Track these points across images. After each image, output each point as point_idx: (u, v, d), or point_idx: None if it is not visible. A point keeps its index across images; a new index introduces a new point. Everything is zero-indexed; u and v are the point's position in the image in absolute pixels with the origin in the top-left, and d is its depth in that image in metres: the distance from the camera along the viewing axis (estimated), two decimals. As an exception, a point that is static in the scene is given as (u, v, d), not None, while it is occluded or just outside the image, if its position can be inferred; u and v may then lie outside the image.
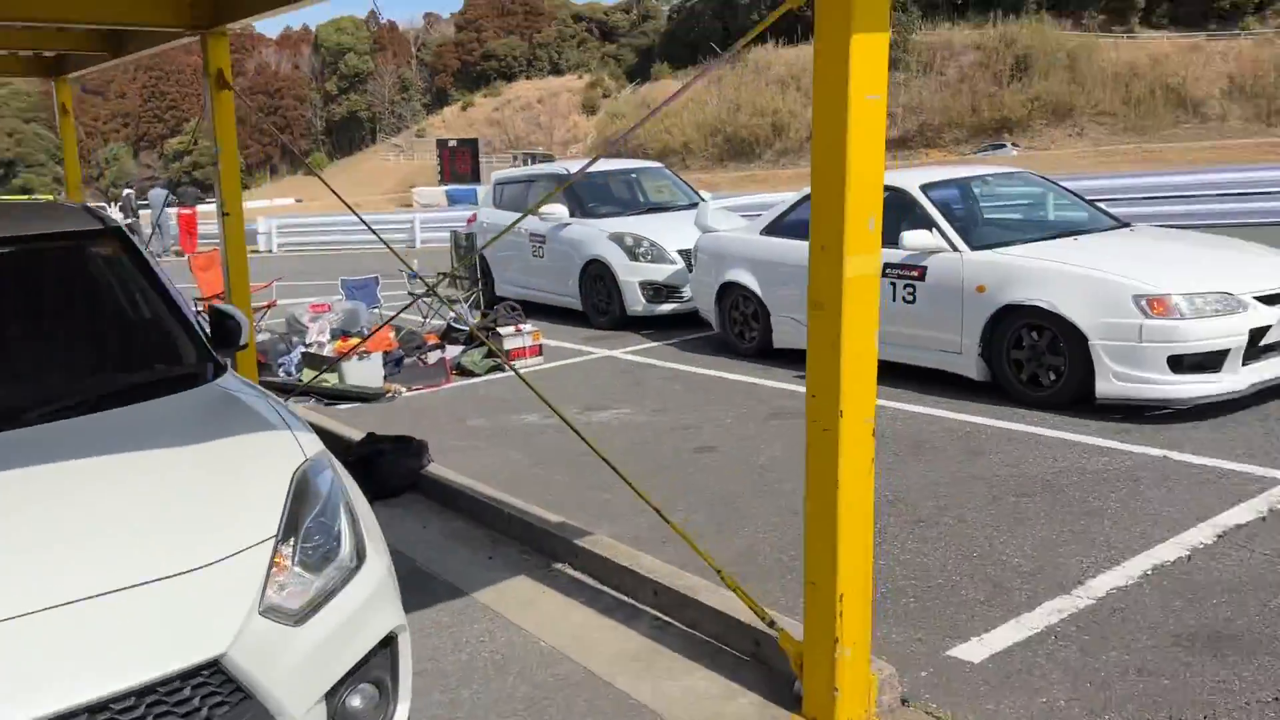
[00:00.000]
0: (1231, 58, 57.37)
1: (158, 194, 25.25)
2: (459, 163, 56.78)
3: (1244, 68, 56.88)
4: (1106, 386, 6.01)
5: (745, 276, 8.45)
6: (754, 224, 8.66)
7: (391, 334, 8.62)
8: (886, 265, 7.15)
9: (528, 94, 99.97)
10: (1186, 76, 58.17)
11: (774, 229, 8.40)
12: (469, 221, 13.07)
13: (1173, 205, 15.49)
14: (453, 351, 8.83)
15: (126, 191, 25.65)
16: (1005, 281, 6.53)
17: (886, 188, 7.61)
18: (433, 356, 8.75)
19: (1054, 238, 6.98)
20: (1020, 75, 64.27)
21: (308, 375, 8.12)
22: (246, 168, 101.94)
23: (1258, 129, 51.99)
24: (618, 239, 10.16)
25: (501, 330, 8.78)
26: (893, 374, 7.35)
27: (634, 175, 11.53)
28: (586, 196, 10.96)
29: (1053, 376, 6.31)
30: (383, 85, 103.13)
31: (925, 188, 7.32)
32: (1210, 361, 5.90)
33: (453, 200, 55.90)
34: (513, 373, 8.63)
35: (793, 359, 8.05)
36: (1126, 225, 7.45)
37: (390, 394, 7.98)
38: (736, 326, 8.66)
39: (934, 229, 7.00)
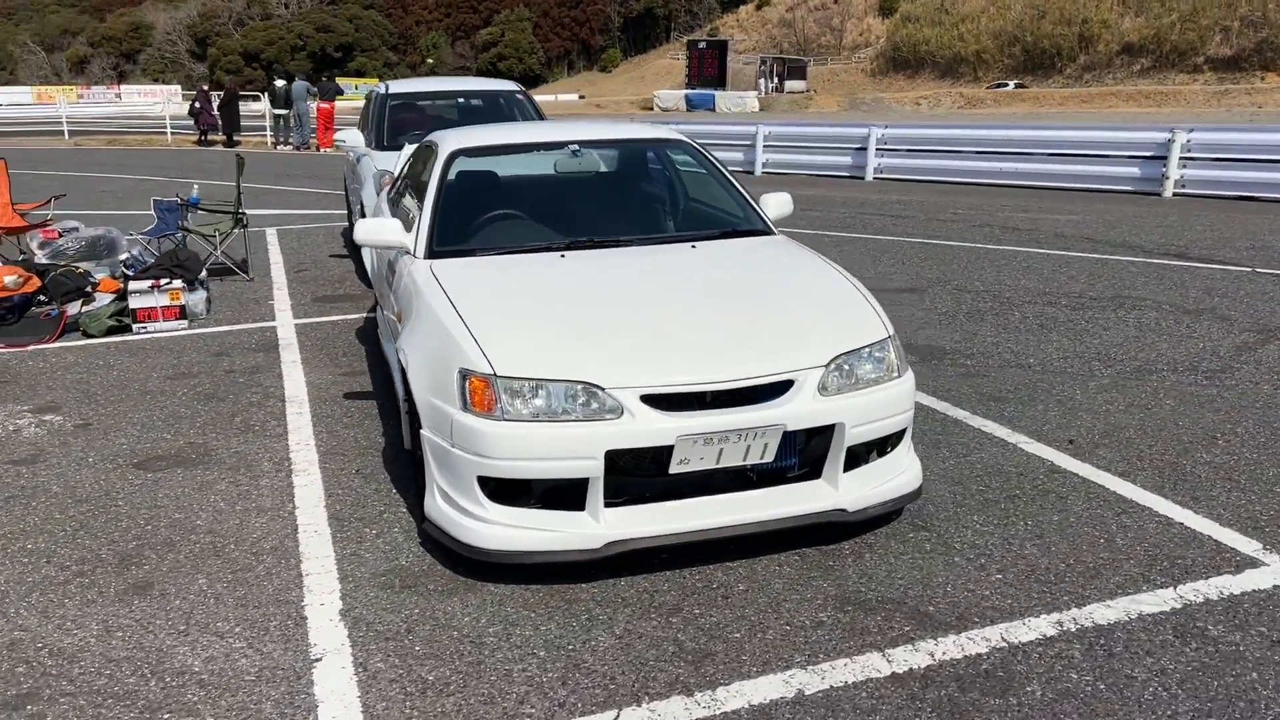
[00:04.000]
0: None
1: (299, 87, 25.48)
2: (707, 65, 54.47)
3: None
4: (433, 506, 3.74)
5: (368, 252, 6.50)
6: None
7: (9, 278, 7.41)
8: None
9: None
10: None
11: (392, 187, 6.35)
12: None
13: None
14: (94, 304, 7.52)
15: (279, 84, 26.05)
16: (406, 313, 4.31)
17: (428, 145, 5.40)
18: (72, 307, 7.48)
19: (569, 248, 4.52)
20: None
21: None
22: (546, 61, 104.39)
23: None
24: (379, 179, 8.33)
25: (133, 285, 7.34)
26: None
27: (462, 99, 9.47)
28: (390, 123, 9.13)
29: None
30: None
31: (459, 154, 5.04)
32: (556, 497, 3.51)
33: (691, 105, 54.05)
34: (139, 336, 7.34)
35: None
36: (762, 234, 4.82)
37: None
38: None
39: (420, 216, 4.79)
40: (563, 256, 4.35)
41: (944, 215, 12.51)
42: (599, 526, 3.41)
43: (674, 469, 3.44)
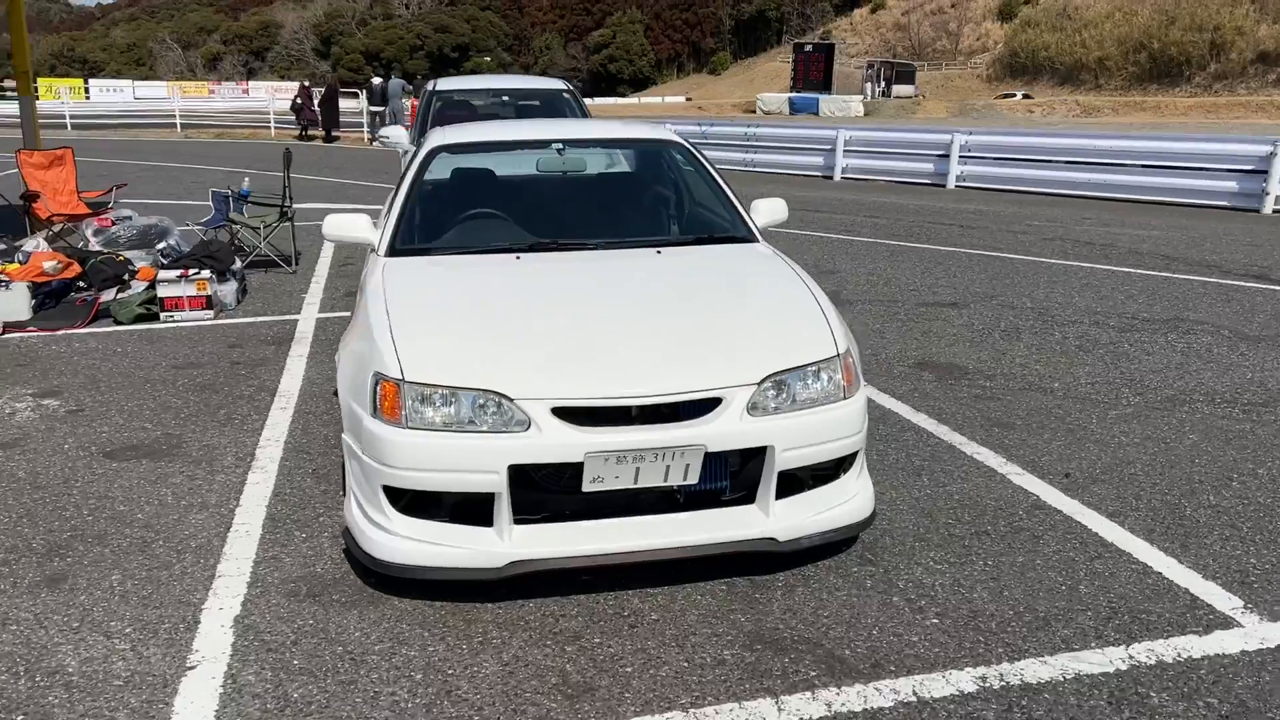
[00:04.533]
0: None
1: (395, 85, 25.96)
2: (813, 69, 53.72)
3: None
4: (348, 514, 3.61)
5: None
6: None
7: (48, 264, 7.61)
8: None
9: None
10: None
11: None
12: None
13: None
14: (129, 291, 7.67)
15: (375, 81, 26.58)
16: (354, 311, 4.22)
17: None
18: (108, 294, 7.65)
19: (533, 249, 4.35)
20: None
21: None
22: (656, 63, 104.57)
23: None
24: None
25: (163, 274, 7.46)
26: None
27: (506, 97, 9.40)
28: (432, 120, 9.11)
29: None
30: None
31: (439, 151, 4.94)
32: (466, 511, 3.35)
33: (795, 109, 53.31)
34: (165, 324, 7.45)
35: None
36: (742, 241, 4.57)
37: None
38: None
39: (389, 212, 4.70)
40: (518, 259, 4.19)
41: (1017, 227, 11.97)
42: (503, 545, 3.24)
43: (588, 487, 3.24)
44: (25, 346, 6.68)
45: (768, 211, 4.81)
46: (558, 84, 9.65)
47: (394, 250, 4.35)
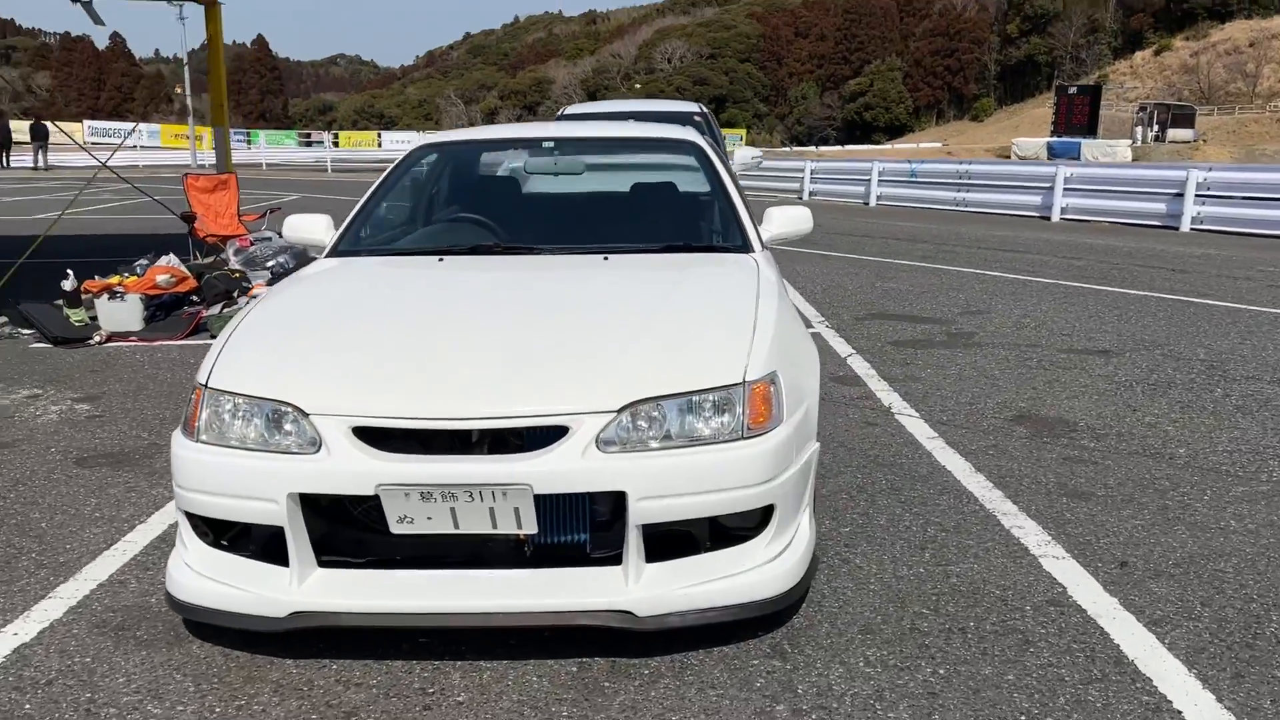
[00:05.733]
0: None
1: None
2: (1076, 112, 50.27)
3: None
4: (187, 537, 3.19)
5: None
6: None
7: (161, 277, 7.81)
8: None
9: (1238, 37, 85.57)
10: None
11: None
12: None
13: None
14: (233, 306, 7.77)
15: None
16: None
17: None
18: (216, 309, 7.78)
19: (472, 252, 3.82)
20: None
21: (75, 316, 7.71)
22: (914, 110, 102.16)
23: None
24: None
25: (255, 290, 7.47)
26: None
27: (633, 119, 8.92)
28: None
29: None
30: (1069, 27, 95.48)
31: (424, 150, 4.53)
32: (275, 547, 2.81)
33: (1053, 153, 49.81)
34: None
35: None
36: (730, 251, 3.83)
37: (98, 340, 7.27)
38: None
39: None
40: (440, 261, 3.66)
41: (1241, 272, 10.22)
42: (290, 591, 2.67)
43: (395, 529, 2.63)
44: (115, 354, 6.81)
45: (782, 222, 4.06)
46: (691, 106, 9.11)
47: (335, 252, 3.94)
